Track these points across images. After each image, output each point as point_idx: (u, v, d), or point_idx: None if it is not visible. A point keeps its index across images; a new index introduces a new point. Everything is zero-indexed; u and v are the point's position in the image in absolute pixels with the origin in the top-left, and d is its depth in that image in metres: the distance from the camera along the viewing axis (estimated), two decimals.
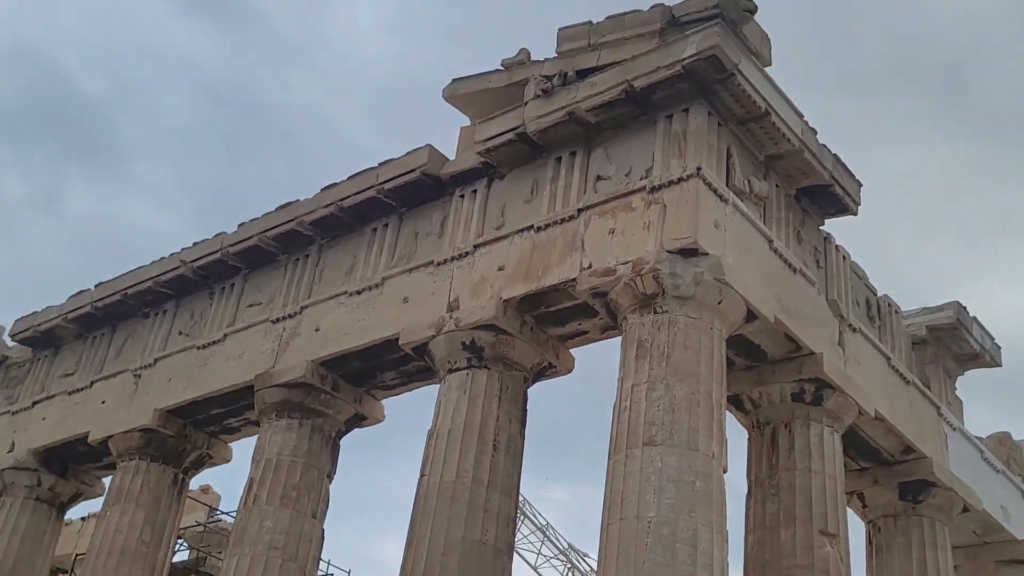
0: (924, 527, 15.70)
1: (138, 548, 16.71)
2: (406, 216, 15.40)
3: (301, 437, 15.31)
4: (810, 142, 13.52)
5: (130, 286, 18.39)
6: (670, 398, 11.47)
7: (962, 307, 17.00)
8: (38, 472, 18.87)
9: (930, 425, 16.02)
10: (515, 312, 13.36)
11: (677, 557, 10.71)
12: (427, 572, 12.27)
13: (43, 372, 19.93)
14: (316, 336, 15.37)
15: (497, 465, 12.99)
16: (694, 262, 11.91)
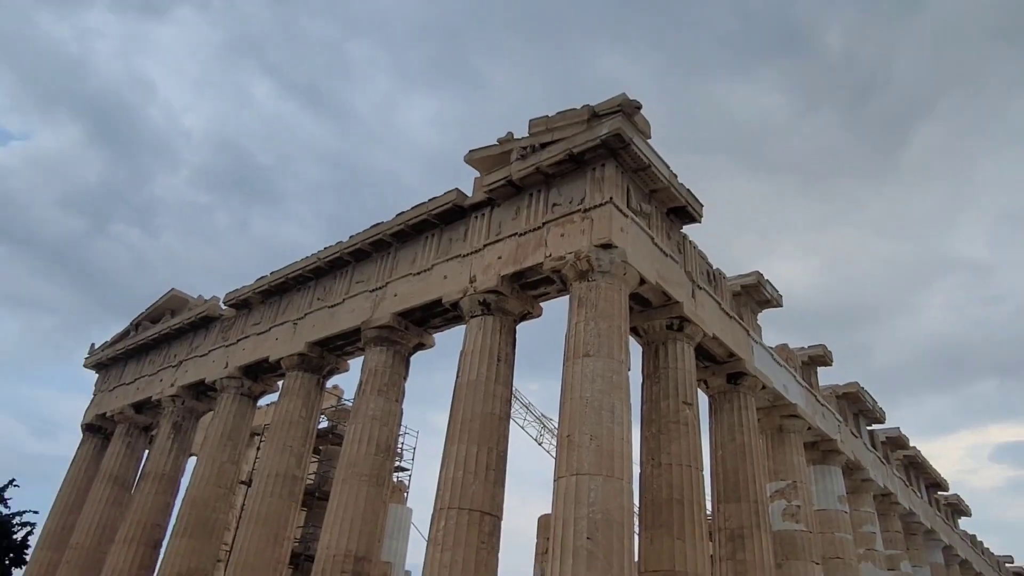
0: (741, 398, 15.93)
1: (299, 419, 16.93)
2: (444, 230, 15.49)
3: (389, 356, 15.47)
4: (673, 181, 13.68)
5: (289, 273, 18.48)
6: (597, 329, 11.64)
7: (760, 274, 17.23)
8: (241, 379, 19.05)
9: (743, 341, 16.24)
10: (508, 282, 13.52)
11: (602, 418, 10.91)
12: (462, 429, 12.44)
13: (242, 323, 20.06)
14: (395, 299, 15.50)
15: (500, 370, 13.16)
16: (609, 252, 12.08)
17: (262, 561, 15.31)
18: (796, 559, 16.18)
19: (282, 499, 16.05)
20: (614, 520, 10.10)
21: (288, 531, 16.23)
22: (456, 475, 12.03)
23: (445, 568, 11.30)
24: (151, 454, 20.86)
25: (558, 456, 11.09)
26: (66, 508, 22.71)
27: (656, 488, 12.58)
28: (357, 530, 13.66)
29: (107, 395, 24.28)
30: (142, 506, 19.42)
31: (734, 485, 14.91)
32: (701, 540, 12.17)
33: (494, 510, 12.01)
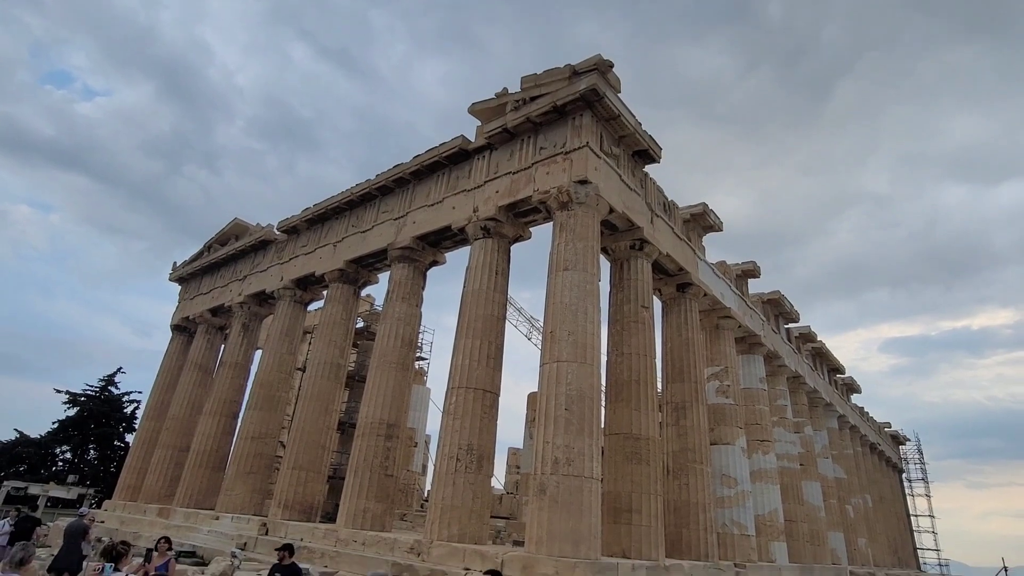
0: (687, 303, 16.07)
1: (340, 320, 17.13)
2: (453, 169, 15.16)
3: (410, 270, 15.48)
4: (638, 129, 13.32)
5: (328, 205, 18.21)
6: (575, 248, 11.61)
7: (706, 204, 17.06)
8: (294, 289, 19.13)
9: (691, 258, 16.26)
10: (504, 212, 13.38)
11: (578, 318, 11.03)
12: (468, 327, 12.62)
13: (293, 245, 19.92)
14: (414, 225, 15.36)
15: (498, 281, 13.22)
16: (585, 187, 11.89)
17: (316, 427, 15.88)
18: (725, 425, 16.82)
19: (329, 381, 16.47)
20: (586, 396, 10.44)
21: (335, 405, 16.74)
22: (464, 362, 12.32)
23: (456, 432, 11.75)
24: (226, 348, 21.21)
25: (543, 348, 11.33)
26: (162, 389, 23.29)
27: (619, 372, 12.94)
28: (388, 404, 14.11)
29: (188, 302, 24.45)
30: (222, 387, 19.93)
31: (679, 369, 15.32)
32: (652, 411, 12.63)
33: (494, 389, 12.38)
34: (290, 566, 7.40)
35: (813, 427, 24.86)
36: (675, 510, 13.89)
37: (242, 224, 22.76)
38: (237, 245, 22.10)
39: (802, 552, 19.97)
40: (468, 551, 10.36)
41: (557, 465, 9.89)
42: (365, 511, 13.14)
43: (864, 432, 34.15)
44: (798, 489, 20.95)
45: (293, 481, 15.24)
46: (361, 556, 11.64)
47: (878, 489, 35.33)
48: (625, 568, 10.09)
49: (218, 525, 15.97)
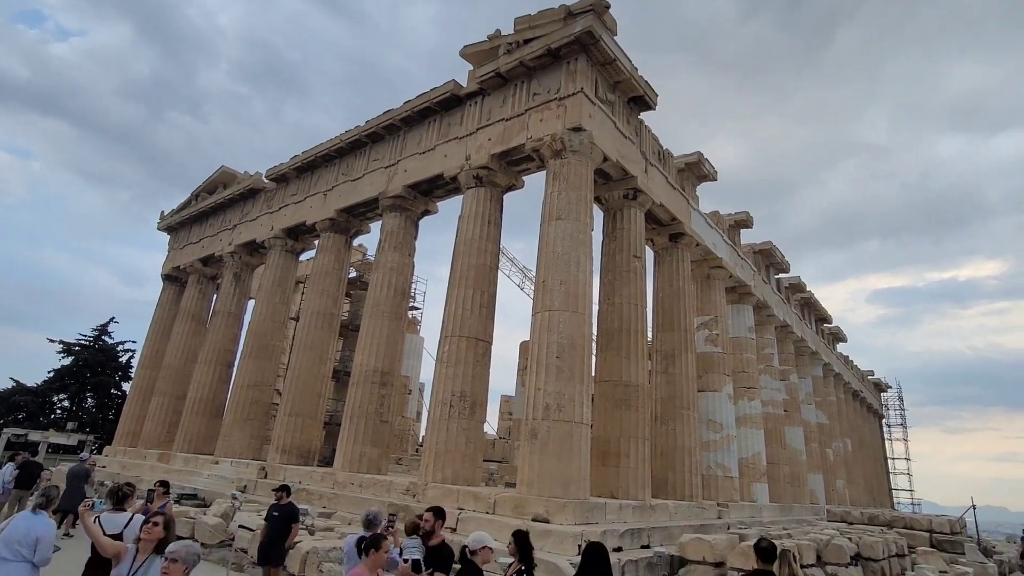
0: (679, 252, 16.12)
1: (333, 270, 17.07)
2: (444, 115, 14.81)
3: (401, 220, 15.34)
4: (634, 74, 12.98)
5: (318, 152, 17.86)
6: (567, 198, 11.52)
7: (701, 153, 16.85)
8: (285, 239, 18.95)
9: (684, 208, 16.18)
10: (496, 160, 13.16)
11: (570, 268, 11.05)
12: (461, 276, 12.63)
13: (282, 194, 19.60)
14: (405, 174, 15.12)
15: (490, 231, 13.15)
16: (579, 134, 11.69)
17: (311, 376, 16.09)
18: (712, 372, 17.18)
19: (323, 331, 16.57)
20: (577, 344, 10.58)
21: (329, 354, 16.90)
22: (457, 311, 12.39)
23: (450, 380, 11.95)
24: (219, 297, 21.19)
25: (535, 297, 11.39)
26: (156, 338, 23.38)
27: (610, 321, 13.08)
28: (382, 353, 14.26)
29: (179, 252, 24.24)
30: (216, 336, 20.03)
31: (669, 319, 15.50)
32: (642, 359, 12.85)
33: (486, 337, 12.50)
34: (287, 505, 7.64)
35: (798, 375, 25.46)
36: (662, 454, 14.34)
37: (230, 172, 22.33)
38: (225, 194, 21.74)
39: (783, 493, 20.82)
40: (461, 492, 10.72)
41: (548, 411, 10.13)
42: (361, 455, 13.49)
43: (848, 380, 35.03)
44: (781, 434, 21.65)
45: (290, 427, 15.55)
46: (358, 497, 12.03)
47: (858, 434, 36.56)
48: (612, 507, 10.50)
49: (218, 469, 16.38)
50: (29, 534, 3.84)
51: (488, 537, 4.24)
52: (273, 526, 7.33)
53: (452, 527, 9.97)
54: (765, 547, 4.70)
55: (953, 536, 16.49)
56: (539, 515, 9.36)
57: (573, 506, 9.38)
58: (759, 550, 4.69)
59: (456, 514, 10.11)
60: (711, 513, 14.32)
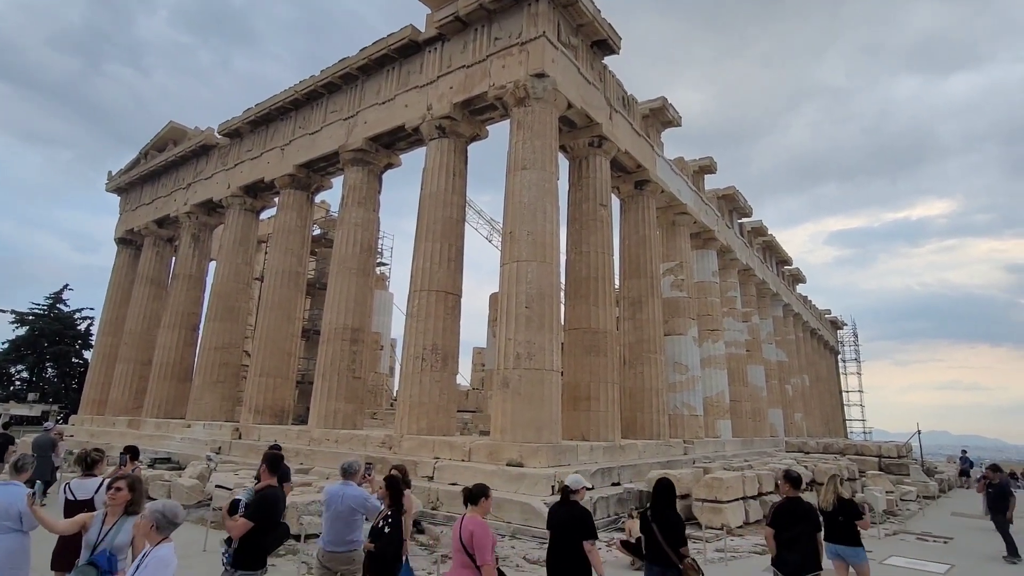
0: (644, 200, 16.18)
1: (296, 228, 16.65)
2: (403, 63, 14.27)
3: (364, 174, 14.95)
4: (597, 16, 12.67)
5: (272, 104, 17.11)
6: (532, 147, 11.38)
7: (665, 99, 16.73)
8: (243, 197, 18.33)
9: (649, 155, 16.14)
10: (459, 108, 12.84)
11: (536, 217, 11.04)
12: (428, 230, 12.50)
13: (237, 150, 18.83)
14: (365, 126, 14.64)
15: (455, 183, 12.96)
16: (542, 80, 11.46)
17: (279, 335, 15.92)
18: (678, 316, 17.63)
19: (289, 290, 16.31)
20: (545, 293, 10.69)
21: (297, 313, 16.69)
22: (425, 265, 12.32)
23: (421, 334, 11.98)
24: (178, 260, 20.55)
25: (503, 248, 11.37)
26: (115, 304, 22.67)
27: (578, 269, 13.19)
28: (351, 310, 14.16)
29: (131, 214, 23.24)
30: (178, 299, 19.53)
31: (636, 266, 15.71)
32: (610, 306, 13.08)
33: (455, 290, 12.51)
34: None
35: (760, 316, 26.32)
36: (631, 396, 14.82)
37: (179, 128, 21.27)
38: (176, 151, 20.77)
39: (744, 427, 21.85)
40: (437, 442, 10.94)
41: (519, 360, 10.29)
42: (336, 412, 13.57)
43: (806, 319, 36.41)
44: (743, 372, 22.54)
45: (262, 387, 15.47)
46: (334, 453, 12.17)
47: (815, 370, 38.32)
48: (584, 449, 10.89)
49: (190, 432, 16.29)
50: (10, 508, 3.79)
51: (582, 479, 4.55)
52: None
53: (429, 476, 10.22)
54: (795, 476, 4.96)
55: (900, 459, 17.69)
56: (513, 460, 9.66)
57: (546, 450, 9.69)
58: (790, 478, 4.95)
59: (433, 463, 10.34)
60: (677, 450, 14.98)
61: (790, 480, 4.94)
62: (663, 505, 4.35)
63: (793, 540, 4.54)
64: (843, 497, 5.64)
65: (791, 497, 4.84)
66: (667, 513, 4.30)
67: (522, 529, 8.03)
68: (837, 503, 5.55)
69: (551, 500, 8.48)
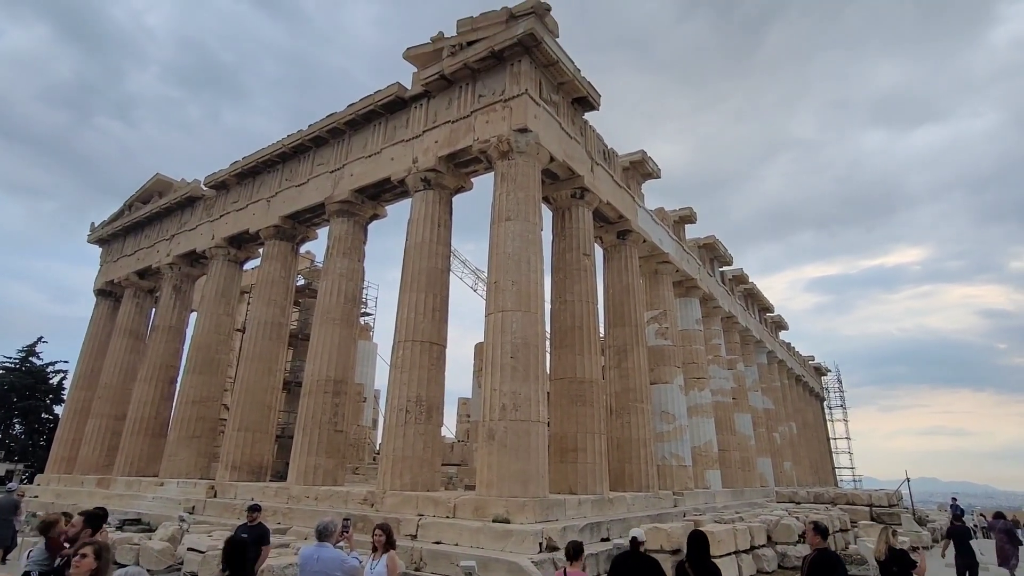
0: (627, 249, 16.43)
1: (279, 279, 16.58)
2: (390, 118, 14.63)
3: (350, 225, 15.05)
4: (577, 75, 13.17)
5: (259, 157, 17.32)
6: (516, 198, 11.59)
7: (644, 152, 17.24)
8: (227, 248, 18.25)
9: (630, 205, 16.49)
10: (444, 162, 13.10)
11: (521, 267, 11.12)
12: (412, 280, 12.51)
13: (223, 201, 18.89)
14: (352, 178, 14.85)
15: (440, 233, 13.07)
16: (525, 135, 11.78)
17: (260, 388, 15.58)
18: (664, 365, 17.63)
19: (271, 341, 16.08)
20: (531, 343, 10.66)
21: (279, 365, 16.41)
22: (409, 316, 12.27)
23: (405, 385, 11.81)
24: (158, 311, 20.24)
25: (487, 298, 11.40)
26: (91, 357, 22.12)
27: (562, 319, 13.22)
28: (334, 361, 13.96)
29: (112, 265, 23.01)
30: (156, 352, 19.13)
31: (620, 314, 15.80)
32: (595, 354, 13.05)
33: (440, 340, 12.43)
34: (257, 526, 7.36)
35: (745, 363, 26.41)
36: (618, 447, 14.61)
37: (165, 180, 21.38)
38: (161, 203, 20.80)
39: (734, 477, 21.55)
40: (421, 498, 10.62)
41: (505, 411, 10.15)
42: (316, 467, 13.16)
43: (791, 366, 36.58)
44: (731, 421, 22.40)
45: (240, 442, 15.02)
46: (314, 511, 11.73)
47: (802, 417, 38.22)
48: (572, 503, 10.62)
49: (163, 491, 15.65)
50: None
51: (642, 532, 5.35)
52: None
53: (412, 534, 9.86)
54: (823, 528, 5.10)
55: (891, 508, 17.48)
56: (499, 515, 9.37)
57: (533, 504, 9.43)
58: (819, 530, 5.08)
59: (416, 520, 10.00)
60: (667, 503, 14.68)
61: (819, 532, 5.01)
62: (699, 555, 4.49)
63: None
64: (895, 548, 5.77)
65: (821, 549, 4.88)
66: (704, 563, 4.43)
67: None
68: (889, 553, 5.70)
69: (539, 558, 8.20)
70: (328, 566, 4.24)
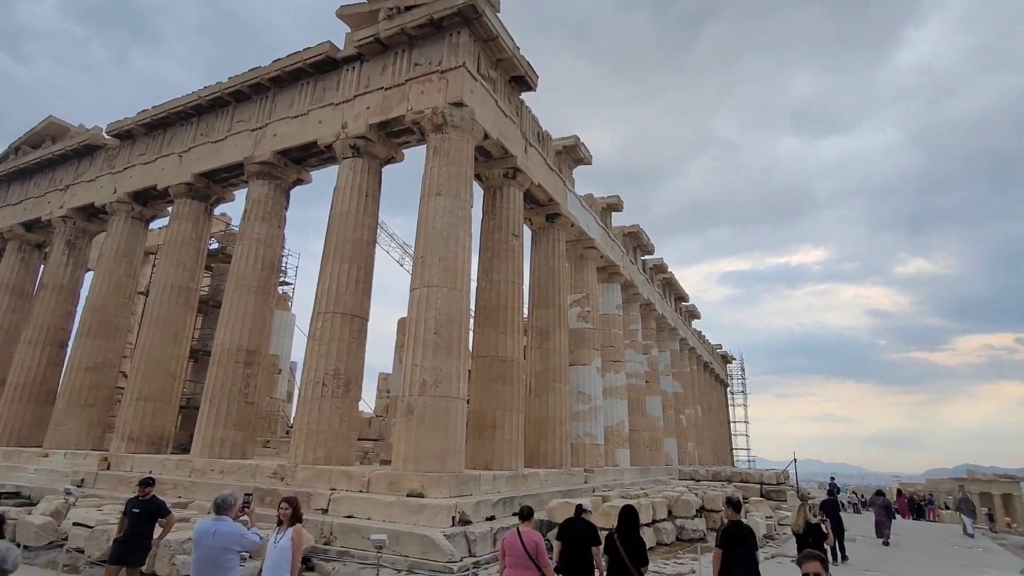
0: (555, 232, 16.64)
1: (190, 240, 15.51)
2: (319, 79, 13.92)
3: (271, 188, 14.28)
4: (516, 53, 13.06)
5: (172, 108, 15.98)
6: (448, 173, 11.42)
7: (578, 137, 17.43)
8: (131, 204, 16.85)
9: (561, 189, 16.67)
10: (375, 130, 12.67)
11: (449, 244, 11.02)
12: (336, 251, 12.10)
13: (128, 153, 17.34)
14: (274, 139, 14.05)
15: (368, 204, 12.68)
16: (460, 109, 11.58)
17: (164, 355, 14.64)
18: (583, 347, 18.12)
19: (179, 306, 15.09)
20: (454, 320, 10.61)
21: (186, 332, 15.45)
22: (331, 287, 11.87)
23: (323, 357, 11.46)
24: (47, 268, 18.43)
25: (413, 273, 11.22)
26: None
27: (488, 297, 13.26)
28: (247, 330, 13.31)
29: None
30: (44, 312, 17.46)
31: (545, 296, 16.05)
32: (518, 334, 13.21)
33: (362, 313, 12.13)
34: (151, 499, 6.89)
35: (659, 349, 27.64)
36: (536, 425, 14.94)
37: (59, 124, 19.35)
38: (55, 148, 18.83)
39: (642, 456, 22.64)
40: (334, 472, 10.41)
41: (425, 387, 10.09)
42: (223, 439, 12.58)
43: (700, 353, 38.67)
44: (642, 403, 23.45)
45: (139, 412, 14.08)
46: (220, 484, 11.21)
47: (707, 401, 40.64)
48: (487, 478, 10.78)
49: (47, 463, 14.45)
50: None
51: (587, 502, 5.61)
52: (134, 523, 6.56)
53: (324, 508, 9.67)
54: (736, 501, 5.69)
55: (778, 486, 19.02)
56: (414, 490, 9.37)
57: (448, 479, 9.49)
58: (732, 504, 5.64)
59: (328, 495, 9.81)
60: (578, 479, 15.21)
61: (732, 505, 5.57)
62: (629, 529, 4.88)
63: (739, 558, 5.04)
64: (811, 522, 6.73)
65: (734, 520, 5.37)
66: (632, 536, 4.83)
67: (419, 563, 7.75)
68: (806, 526, 6.69)
69: (451, 532, 8.28)
70: (226, 540, 4.03)
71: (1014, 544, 16.57)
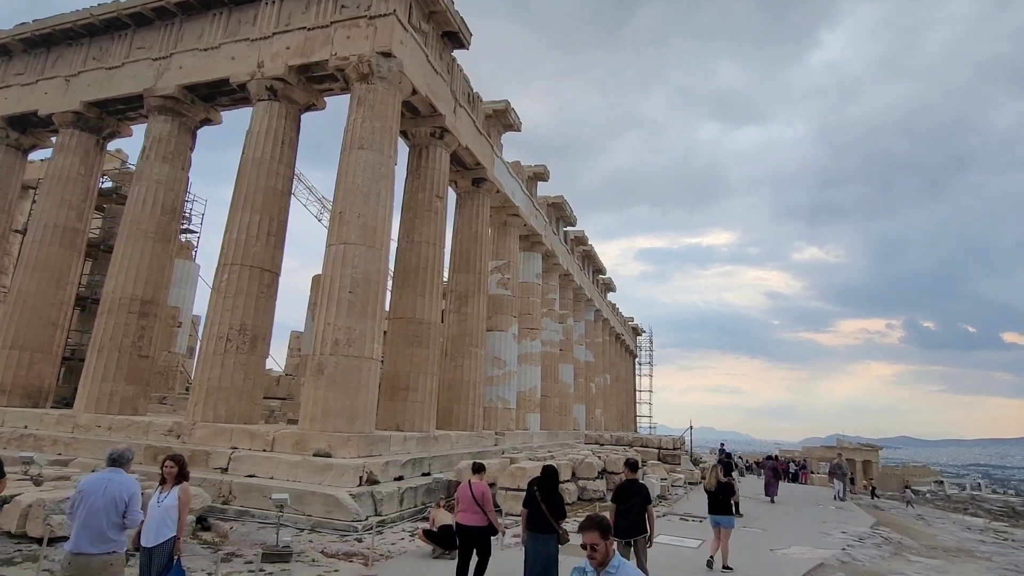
0: (480, 197, 16.49)
1: (78, 176, 14.02)
2: (233, 10, 12.79)
3: (175, 126, 13.09)
4: (450, 7, 12.62)
5: (57, 24, 14.16)
6: (372, 127, 10.96)
7: (508, 102, 17.19)
8: (6, 129, 14.96)
9: (488, 154, 16.41)
10: (295, 73, 11.87)
11: (369, 201, 10.69)
12: (246, 199, 11.39)
13: (3, 70, 15.26)
14: (180, 71, 12.84)
15: (284, 151, 11.96)
16: (388, 60, 11.08)
17: (44, 301, 13.32)
18: (502, 313, 18.29)
19: (63, 248, 13.71)
20: (372, 279, 10.35)
21: (71, 277, 14.10)
22: (240, 237, 11.19)
23: (228, 311, 10.86)
24: None
25: (330, 228, 10.78)
26: None
27: (407, 259, 13.01)
28: (143, 278, 12.34)
29: None
30: None
31: (466, 260, 15.96)
32: (436, 297, 13.10)
33: (273, 267, 11.55)
34: None
35: (574, 318, 28.42)
36: (449, 387, 15.01)
37: None
38: None
39: (552, 421, 23.43)
40: (236, 431, 10.00)
41: (337, 346, 9.83)
42: (112, 394, 11.72)
43: (613, 324, 40.20)
44: (555, 370, 24.15)
45: (13, 363, 12.81)
46: (107, 441, 10.48)
47: (616, 370, 42.51)
48: (397, 439, 10.76)
49: None
50: None
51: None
52: None
53: (223, 467, 9.29)
54: (634, 462, 6.08)
55: (674, 451, 20.33)
56: (321, 450, 9.19)
57: (357, 439, 9.38)
58: (629, 464, 6.05)
59: (229, 453, 9.43)
60: (489, 441, 15.53)
61: (630, 466, 6.05)
62: (549, 486, 5.18)
63: (627, 510, 5.51)
64: (721, 480, 7.45)
65: (630, 479, 5.86)
66: (552, 492, 5.13)
67: (323, 522, 7.66)
68: (717, 484, 7.40)
69: (357, 491, 8.22)
70: (119, 492, 3.70)
71: (867, 504, 18.76)
